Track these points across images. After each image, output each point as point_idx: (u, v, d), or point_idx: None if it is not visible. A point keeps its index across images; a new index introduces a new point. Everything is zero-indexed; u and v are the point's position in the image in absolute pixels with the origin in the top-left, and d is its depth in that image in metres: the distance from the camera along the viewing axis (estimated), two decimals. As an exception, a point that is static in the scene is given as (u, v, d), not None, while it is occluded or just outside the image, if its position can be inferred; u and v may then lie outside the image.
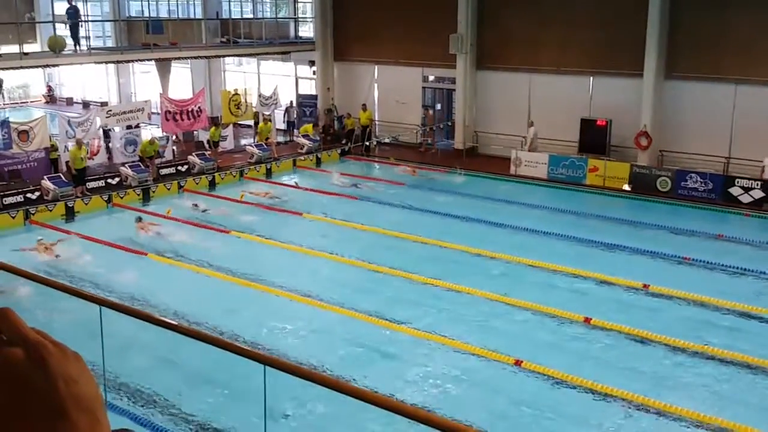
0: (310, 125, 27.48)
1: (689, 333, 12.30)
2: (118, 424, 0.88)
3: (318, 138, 26.72)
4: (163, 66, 26.80)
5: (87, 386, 0.83)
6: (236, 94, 26.15)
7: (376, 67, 28.41)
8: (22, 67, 23.91)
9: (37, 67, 26.70)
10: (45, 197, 19.57)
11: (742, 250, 16.72)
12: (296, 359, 11.08)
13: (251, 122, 27.76)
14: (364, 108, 27.08)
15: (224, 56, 30.69)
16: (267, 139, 25.21)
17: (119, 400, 10.23)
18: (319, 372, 9.65)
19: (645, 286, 14.32)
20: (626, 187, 21.62)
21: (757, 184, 19.92)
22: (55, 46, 23.12)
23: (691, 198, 20.59)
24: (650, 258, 16.04)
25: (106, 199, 20.30)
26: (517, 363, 11.35)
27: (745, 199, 20.02)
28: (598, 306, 13.46)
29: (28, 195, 19.35)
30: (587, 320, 12.83)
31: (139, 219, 18.30)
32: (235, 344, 6.28)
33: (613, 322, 12.69)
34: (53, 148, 21.53)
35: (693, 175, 20.83)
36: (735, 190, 20.19)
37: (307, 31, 31.46)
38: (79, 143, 20.65)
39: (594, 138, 22.81)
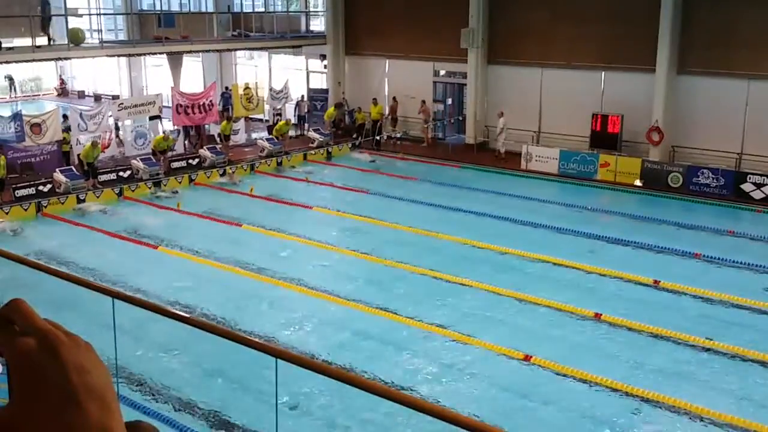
0: (333, 108, 27.46)
1: (700, 329, 12.27)
2: (129, 416, 0.89)
3: (329, 132, 26.76)
4: (175, 59, 26.86)
5: (99, 375, 0.84)
6: (248, 88, 26.19)
7: (387, 61, 28.37)
8: (34, 60, 24.01)
9: (49, 60, 26.80)
10: (57, 190, 19.68)
11: (753, 246, 16.64)
12: (307, 352, 11.13)
13: (262, 116, 27.83)
14: (375, 102, 27.06)
15: (235, 50, 30.70)
16: (284, 134, 25.26)
17: (131, 392, 10.29)
18: (330, 365, 9.68)
19: (656, 281, 14.28)
20: (637, 182, 21.54)
21: (770, 181, 19.82)
22: (76, 39, 23.29)
23: (703, 194, 20.49)
24: (661, 254, 15.99)
25: (117, 192, 20.40)
26: (527, 358, 11.35)
27: (757, 195, 19.91)
28: (609, 301, 13.43)
29: (40, 187, 19.47)
30: (597, 316, 12.82)
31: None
32: (247, 337, 6.30)
33: (623, 317, 12.67)
34: (65, 141, 21.64)
35: (705, 170, 20.73)
36: (747, 186, 20.08)
37: (318, 24, 31.45)
38: (94, 143, 20.73)
39: (605, 133, 22.72)
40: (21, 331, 0.84)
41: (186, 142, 24.74)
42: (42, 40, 23.19)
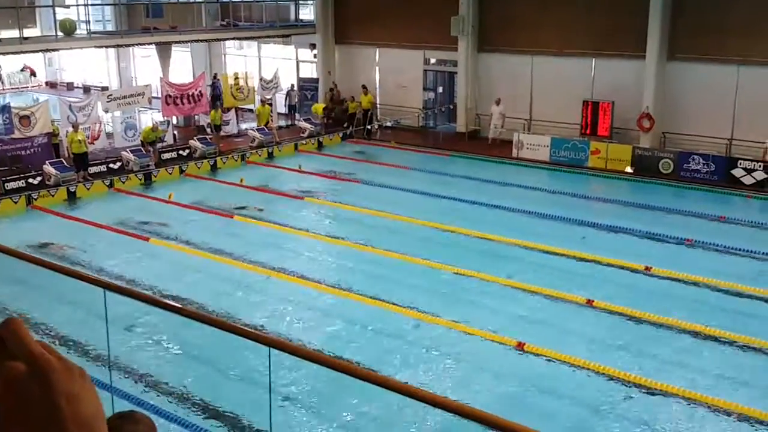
0: (321, 105, 27.42)
1: (691, 314, 12.32)
2: (122, 408, 0.87)
3: (319, 122, 26.69)
4: (164, 50, 26.71)
5: (89, 404, 0.82)
6: (237, 78, 26.07)
7: (378, 49, 28.28)
8: (22, 52, 23.83)
9: (36, 51, 26.60)
10: (47, 182, 19.59)
11: (744, 231, 16.71)
12: (299, 341, 11.13)
13: (252, 106, 27.74)
14: (366, 91, 26.99)
15: (224, 40, 30.53)
16: (267, 123, 25.16)
17: (123, 383, 10.26)
18: (323, 354, 9.68)
19: (647, 268, 14.33)
20: (628, 169, 21.58)
21: (760, 166, 19.87)
22: (66, 29, 23.15)
23: (694, 180, 20.55)
24: (652, 240, 16.04)
25: (107, 183, 20.30)
26: (519, 345, 11.38)
27: (748, 180, 19.98)
28: (601, 288, 13.47)
29: (30, 180, 19.36)
30: (590, 302, 12.86)
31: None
32: (239, 326, 6.28)
33: (615, 303, 12.72)
34: (54, 133, 21.50)
35: (695, 156, 20.78)
36: (737, 172, 20.15)
37: (307, 14, 31.29)
38: (75, 127, 20.62)
39: (596, 120, 22.75)
40: (12, 354, 0.81)
41: (175, 132, 24.66)
42: (29, 32, 23.04)
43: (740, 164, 20.15)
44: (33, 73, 38.03)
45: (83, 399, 0.81)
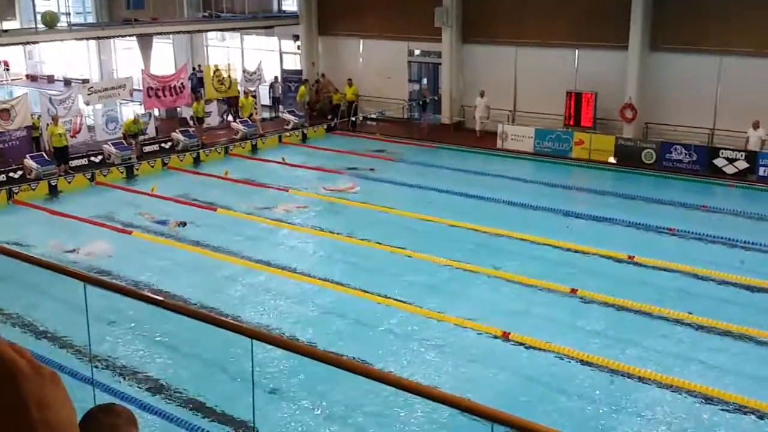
0: (304, 87, 27.31)
1: (674, 303, 12.41)
2: (103, 400, 0.83)
3: (304, 114, 26.58)
4: (145, 42, 26.47)
5: (61, 411, 0.78)
6: (218, 70, 25.89)
7: (362, 41, 28.17)
8: (1, 45, 23.55)
9: (17, 44, 26.31)
10: (28, 176, 19.39)
11: (726, 220, 16.84)
12: (283, 332, 11.11)
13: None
14: (350, 83, 26.91)
15: (206, 31, 30.30)
16: (251, 115, 25.02)
17: (105, 376, 10.20)
18: (307, 345, 9.65)
19: (630, 257, 14.40)
20: (611, 159, 21.66)
21: (741, 155, 19.99)
22: (50, 21, 22.90)
23: (676, 170, 20.65)
24: (635, 229, 16.12)
25: (89, 177, 20.13)
26: (505, 335, 11.41)
27: (730, 170, 20.10)
28: (584, 277, 13.53)
29: (11, 174, 19.17)
30: (573, 291, 12.91)
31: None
32: (222, 318, 6.24)
33: (598, 292, 12.78)
34: (34, 126, 21.28)
35: (678, 146, 20.89)
36: (719, 162, 20.26)
37: (290, 4, 31.09)
38: (55, 120, 20.41)
39: (579, 111, 22.81)
40: None
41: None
42: (9, 24, 22.77)
43: (722, 154, 20.27)
44: (7, 67, 37.60)
45: (54, 405, 0.78)
